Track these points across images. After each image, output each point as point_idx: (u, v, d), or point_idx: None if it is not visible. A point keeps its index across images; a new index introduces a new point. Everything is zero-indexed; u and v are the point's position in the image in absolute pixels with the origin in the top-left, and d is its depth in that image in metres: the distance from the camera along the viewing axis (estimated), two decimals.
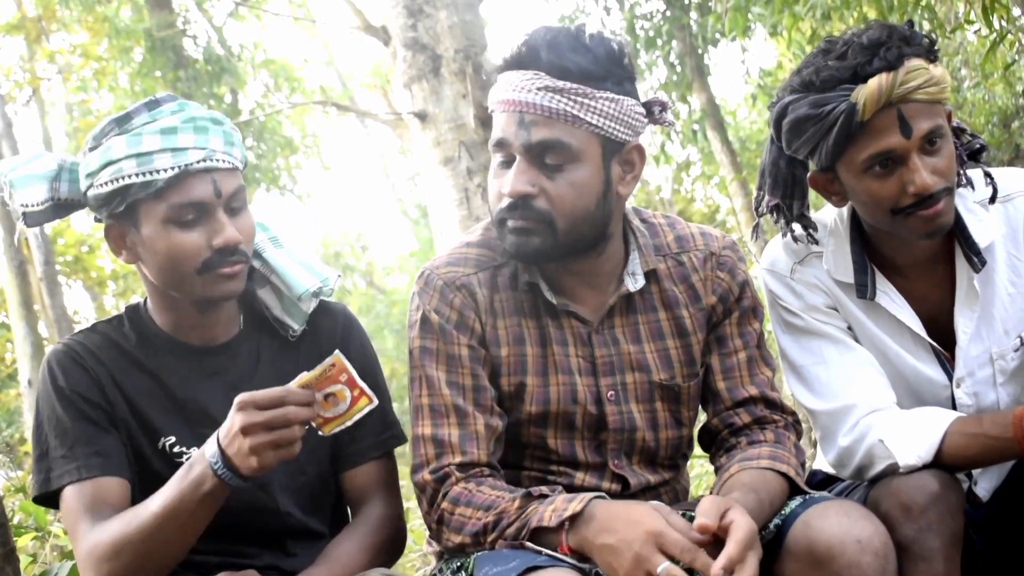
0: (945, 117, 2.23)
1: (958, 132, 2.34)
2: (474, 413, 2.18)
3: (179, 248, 2.13)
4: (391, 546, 2.28)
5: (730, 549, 1.80)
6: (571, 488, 2.18)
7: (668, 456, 2.33)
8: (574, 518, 1.95)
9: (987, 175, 2.34)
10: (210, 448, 1.96)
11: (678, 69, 12.54)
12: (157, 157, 2.09)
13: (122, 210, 2.14)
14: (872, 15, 6.44)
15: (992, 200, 2.33)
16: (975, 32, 7.43)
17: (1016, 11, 6.10)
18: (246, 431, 1.90)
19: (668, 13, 11.92)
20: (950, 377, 2.39)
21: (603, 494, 2.02)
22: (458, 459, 2.14)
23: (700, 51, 12.20)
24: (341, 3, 7.95)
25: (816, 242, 2.42)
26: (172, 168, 2.09)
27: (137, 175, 2.08)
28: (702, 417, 2.39)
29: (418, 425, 2.21)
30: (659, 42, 12.10)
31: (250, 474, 1.94)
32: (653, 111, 2.23)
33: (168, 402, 2.25)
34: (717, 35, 11.44)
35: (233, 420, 1.92)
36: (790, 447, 2.23)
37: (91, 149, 2.15)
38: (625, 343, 2.27)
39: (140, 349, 2.27)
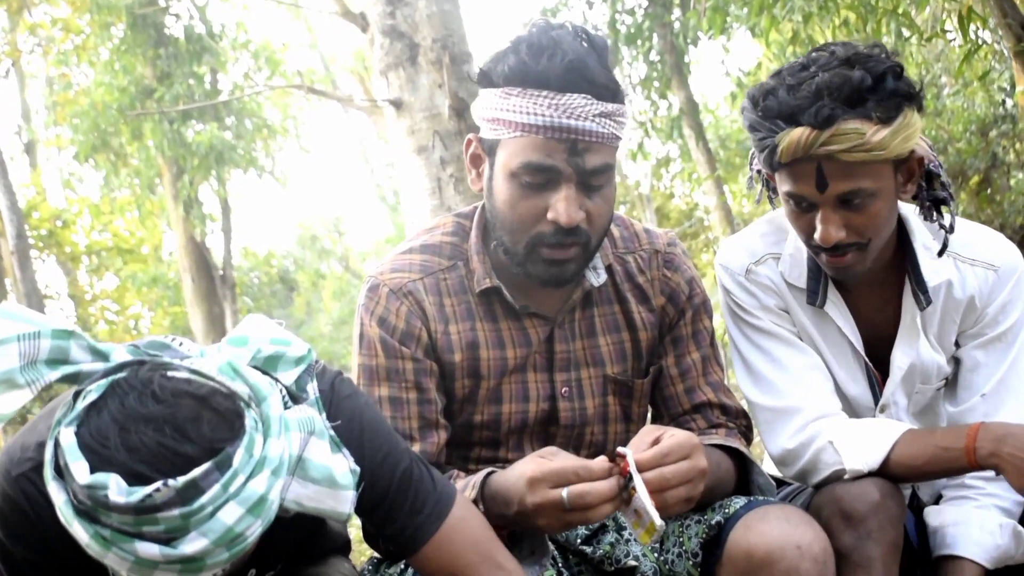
0: (880, 176, 2.14)
1: (930, 177, 2.26)
2: (411, 438, 2.15)
3: None
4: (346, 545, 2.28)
5: (665, 444, 1.79)
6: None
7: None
8: (475, 503, 1.94)
9: (945, 227, 2.28)
10: None
11: (658, 66, 12.57)
12: None
13: None
14: (852, 18, 6.45)
15: (941, 253, 2.30)
16: (952, 40, 7.46)
17: (992, 21, 6.13)
18: None
19: (650, 9, 11.95)
20: (876, 400, 2.41)
21: (494, 469, 1.99)
22: None
23: (681, 49, 12.23)
24: None
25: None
26: None
27: None
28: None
29: None
30: (640, 39, 12.12)
31: None
32: None
33: None
34: (698, 33, 11.47)
35: None
36: (740, 442, 2.24)
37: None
38: (580, 338, 2.27)
39: None
